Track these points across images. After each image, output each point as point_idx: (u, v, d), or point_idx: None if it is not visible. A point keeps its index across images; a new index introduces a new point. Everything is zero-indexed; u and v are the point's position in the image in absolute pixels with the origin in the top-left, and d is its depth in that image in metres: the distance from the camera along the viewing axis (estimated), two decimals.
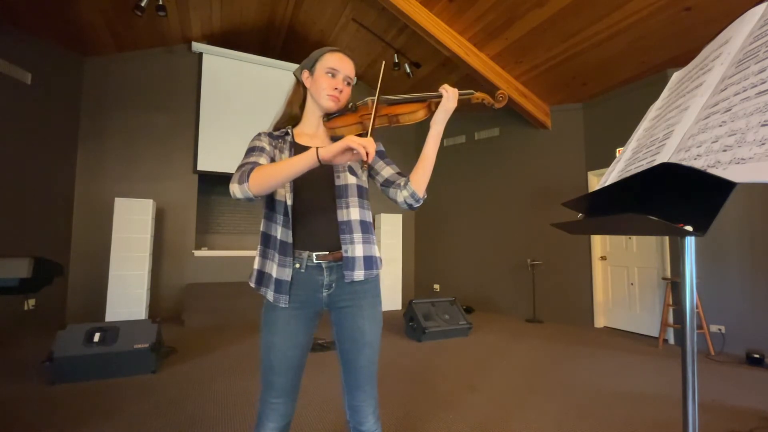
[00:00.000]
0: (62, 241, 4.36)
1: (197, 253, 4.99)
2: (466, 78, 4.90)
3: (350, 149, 0.84)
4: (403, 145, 6.54)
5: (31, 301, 3.89)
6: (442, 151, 1.04)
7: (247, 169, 0.92)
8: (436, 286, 6.22)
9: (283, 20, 4.98)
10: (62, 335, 2.50)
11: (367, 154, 0.83)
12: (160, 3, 3.93)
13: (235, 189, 0.91)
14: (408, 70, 5.17)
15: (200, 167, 5.05)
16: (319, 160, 0.86)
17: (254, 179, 0.89)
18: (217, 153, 5.13)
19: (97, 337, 2.56)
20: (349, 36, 5.09)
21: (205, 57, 5.16)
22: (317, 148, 0.87)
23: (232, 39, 5.25)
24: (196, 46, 5.10)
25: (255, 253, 1.10)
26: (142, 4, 3.82)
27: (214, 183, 5.41)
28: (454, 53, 4.25)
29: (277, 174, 0.89)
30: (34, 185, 3.99)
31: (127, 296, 4.10)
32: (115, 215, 4.14)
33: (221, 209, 5.59)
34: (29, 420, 1.97)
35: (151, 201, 4.34)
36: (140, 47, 4.90)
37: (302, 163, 0.87)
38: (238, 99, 5.32)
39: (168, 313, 4.72)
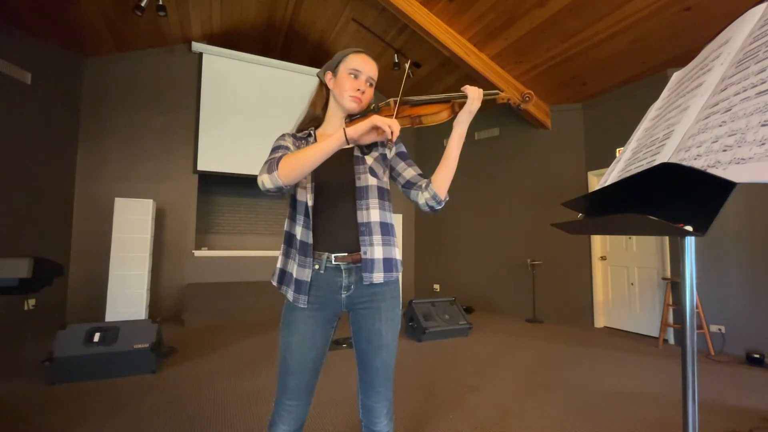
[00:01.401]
0: (62, 241, 4.36)
1: (197, 253, 4.99)
2: (466, 78, 4.90)
3: (376, 127, 0.89)
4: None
5: (31, 301, 3.89)
6: (442, 151, 1.05)
7: (275, 159, 0.92)
8: (436, 286, 6.22)
9: (283, 20, 4.98)
10: (62, 335, 2.50)
11: (392, 132, 0.89)
12: (160, 3, 3.92)
13: (264, 179, 0.90)
14: (408, 70, 5.17)
15: (200, 167, 5.05)
16: (347, 139, 0.89)
17: (283, 166, 0.90)
18: (217, 153, 5.13)
19: (97, 337, 2.56)
20: (349, 36, 5.09)
21: (205, 57, 5.16)
22: (344, 128, 0.90)
23: (232, 39, 5.25)
24: (196, 46, 5.10)
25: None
26: (142, 4, 3.82)
27: (214, 183, 5.41)
28: (454, 53, 4.26)
29: (307, 158, 0.90)
30: (34, 185, 3.99)
31: (127, 296, 4.10)
32: (115, 215, 4.14)
33: (221, 209, 5.59)
34: (29, 420, 1.97)
35: (151, 201, 4.34)
36: (140, 47, 4.90)
37: (331, 145, 0.90)
38: (238, 99, 5.32)
39: (168, 313, 4.72)
